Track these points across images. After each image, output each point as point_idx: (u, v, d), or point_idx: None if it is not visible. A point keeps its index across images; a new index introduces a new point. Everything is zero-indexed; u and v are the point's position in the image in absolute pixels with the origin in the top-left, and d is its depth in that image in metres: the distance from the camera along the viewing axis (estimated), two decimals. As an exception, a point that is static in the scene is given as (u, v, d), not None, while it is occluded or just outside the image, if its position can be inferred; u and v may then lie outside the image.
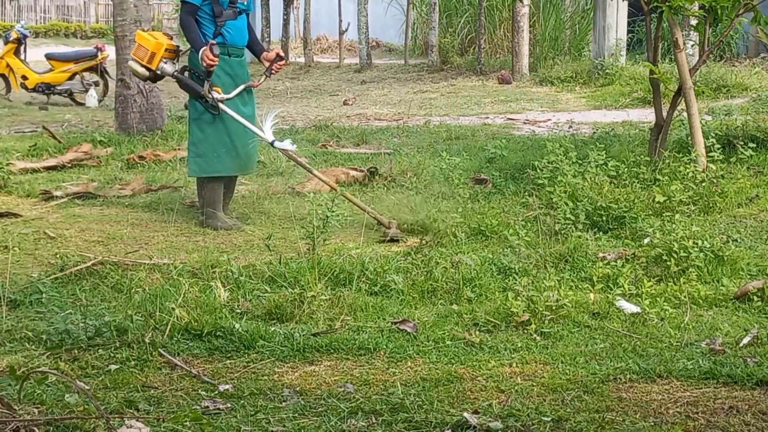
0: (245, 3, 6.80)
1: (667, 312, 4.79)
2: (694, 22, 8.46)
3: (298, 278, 5.25)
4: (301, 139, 10.38)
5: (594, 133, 9.99)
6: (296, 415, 3.58)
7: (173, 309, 4.51)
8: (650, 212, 6.66)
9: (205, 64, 6.48)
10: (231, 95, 6.69)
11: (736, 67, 16.02)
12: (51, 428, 3.36)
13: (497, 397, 3.75)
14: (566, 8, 19.13)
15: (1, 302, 4.73)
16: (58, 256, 5.84)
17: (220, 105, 6.61)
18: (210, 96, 6.60)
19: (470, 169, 8.33)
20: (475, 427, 3.43)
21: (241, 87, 6.76)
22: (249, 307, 4.86)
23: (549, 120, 12.39)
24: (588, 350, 4.31)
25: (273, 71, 6.95)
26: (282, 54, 6.99)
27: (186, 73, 6.69)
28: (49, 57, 15.88)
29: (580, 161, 7.28)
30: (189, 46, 6.68)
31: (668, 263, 5.41)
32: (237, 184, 8.34)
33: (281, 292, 5.03)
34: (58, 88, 15.33)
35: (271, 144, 6.72)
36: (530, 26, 17.69)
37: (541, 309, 4.67)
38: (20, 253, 6.07)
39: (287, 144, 6.70)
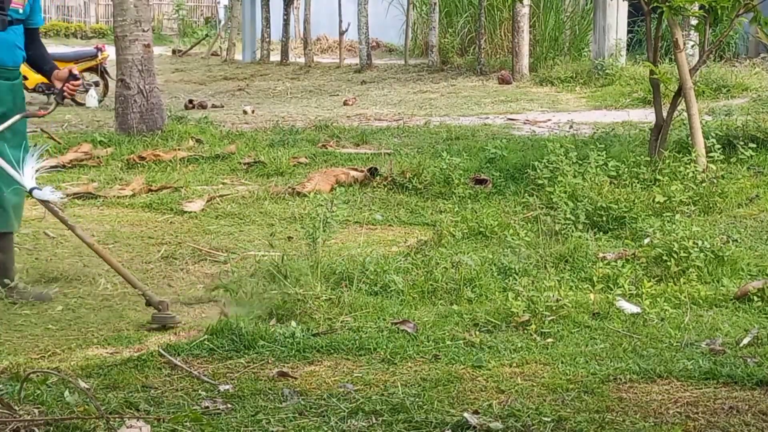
0: (21, 11, 5.23)
1: (667, 312, 4.79)
2: (694, 22, 8.47)
3: (299, 278, 5.25)
4: (301, 139, 10.38)
5: (594, 133, 9.98)
6: (296, 415, 3.58)
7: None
8: (650, 212, 6.66)
9: None
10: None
11: (736, 68, 16.02)
12: (51, 428, 3.36)
13: (497, 397, 3.75)
14: (566, 8, 19.12)
15: None
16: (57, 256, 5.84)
17: None
18: None
19: (470, 170, 8.33)
20: (475, 427, 3.43)
21: (16, 117, 5.14)
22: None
23: (549, 120, 12.38)
24: (588, 350, 4.31)
25: (66, 94, 5.30)
26: (76, 72, 5.29)
27: None
28: (49, 57, 15.86)
29: (580, 161, 7.28)
30: None
31: (668, 263, 5.41)
32: (237, 184, 8.34)
33: (283, 291, 5.03)
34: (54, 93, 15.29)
35: (30, 192, 5.00)
36: (530, 26, 17.68)
37: (541, 309, 4.67)
38: (20, 253, 6.07)
39: (47, 193, 4.95)
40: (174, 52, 27.02)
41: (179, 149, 9.54)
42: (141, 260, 6.03)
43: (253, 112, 13.86)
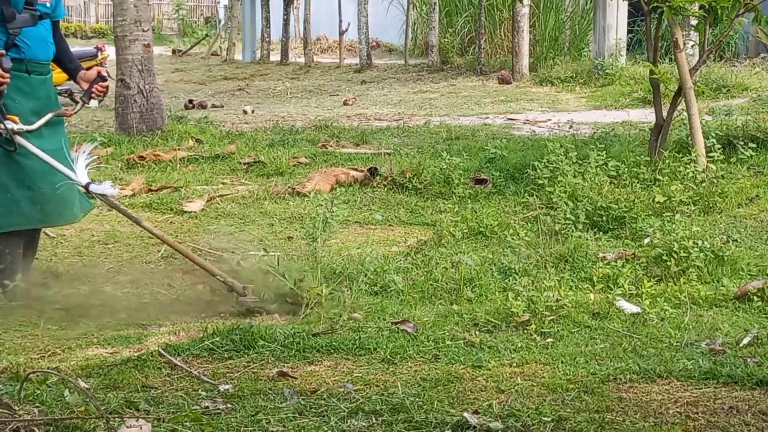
0: (48, 5, 5.26)
1: (667, 312, 4.79)
2: (694, 22, 8.47)
3: (300, 278, 5.26)
4: (301, 139, 10.39)
5: (594, 133, 9.99)
6: (296, 415, 3.58)
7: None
8: (650, 212, 6.66)
9: None
10: (34, 126, 5.07)
11: (736, 68, 16.02)
12: (51, 428, 3.36)
13: (497, 397, 3.75)
14: (566, 8, 19.12)
15: None
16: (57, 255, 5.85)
17: (18, 138, 4.99)
18: (3, 127, 4.97)
19: (470, 169, 8.33)
20: (475, 427, 3.43)
21: (48, 116, 5.16)
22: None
23: (549, 120, 12.38)
24: (588, 350, 4.31)
25: (94, 95, 5.32)
26: (105, 73, 5.34)
27: None
28: (50, 57, 15.86)
29: (580, 161, 7.28)
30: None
31: (668, 263, 5.41)
32: (237, 184, 8.33)
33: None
34: (58, 88, 15.28)
35: (86, 188, 5.09)
36: (530, 26, 17.68)
37: (541, 309, 4.67)
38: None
39: (107, 187, 5.07)
40: (174, 52, 27.04)
41: (179, 149, 9.54)
42: (141, 260, 6.03)
43: (253, 112, 13.86)
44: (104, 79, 5.29)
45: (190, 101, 14.89)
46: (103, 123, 12.25)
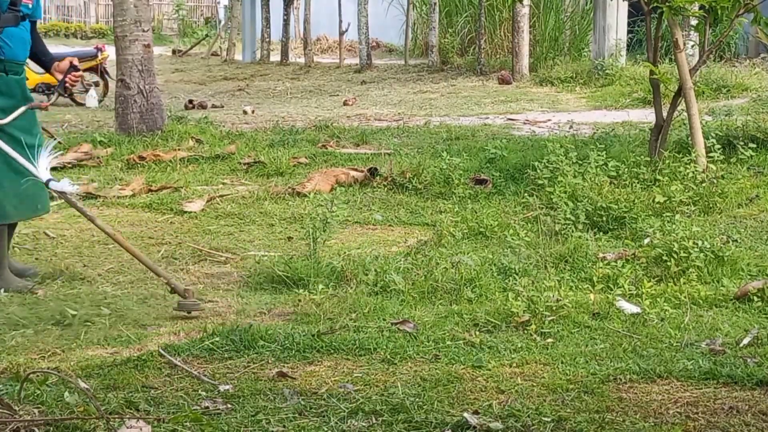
0: (30, 6, 5.41)
1: (667, 312, 4.79)
2: (694, 22, 8.47)
3: (300, 278, 5.26)
4: (302, 139, 10.38)
5: (594, 133, 9.99)
6: (296, 415, 3.58)
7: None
8: (650, 213, 6.66)
9: None
10: (8, 119, 5.22)
11: (736, 68, 16.01)
12: (51, 428, 3.36)
13: (497, 397, 3.75)
14: (566, 8, 19.12)
15: None
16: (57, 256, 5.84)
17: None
18: None
19: (470, 170, 8.33)
20: (475, 427, 3.43)
21: (23, 108, 5.28)
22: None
23: (549, 120, 12.38)
24: (588, 350, 4.31)
25: (68, 85, 5.51)
26: (77, 63, 5.52)
27: None
28: (50, 57, 15.86)
29: (580, 161, 7.28)
30: None
31: (668, 264, 5.41)
32: (237, 184, 8.35)
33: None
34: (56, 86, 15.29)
35: (46, 184, 5.14)
36: (530, 26, 17.68)
37: (541, 309, 4.67)
38: (20, 253, 6.08)
39: (65, 185, 5.08)
40: (174, 52, 27.03)
41: (179, 149, 9.54)
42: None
43: (253, 112, 13.86)
44: (77, 69, 5.43)
45: (190, 101, 14.89)
46: (103, 123, 12.25)
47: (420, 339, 4.44)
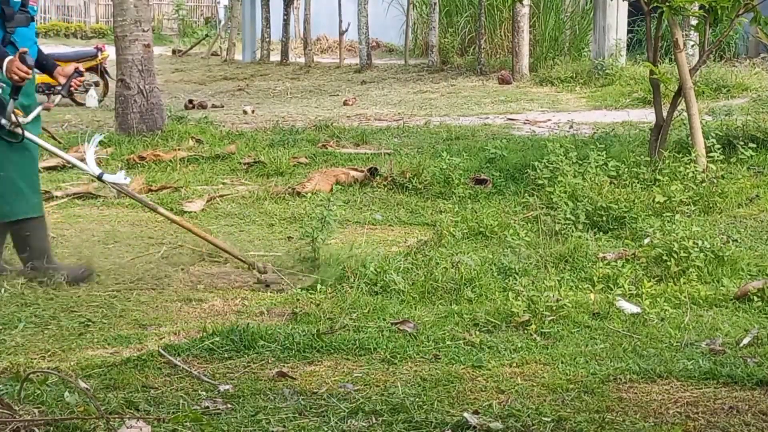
0: (36, 8, 5.56)
1: (667, 312, 4.79)
2: (694, 22, 8.47)
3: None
4: (302, 139, 10.38)
5: (594, 133, 9.99)
6: (296, 415, 3.58)
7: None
8: (650, 212, 6.66)
9: (15, 79, 5.14)
10: (30, 117, 5.36)
11: (736, 68, 16.01)
12: (51, 428, 3.36)
13: (497, 397, 3.75)
14: (566, 8, 19.11)
15: None
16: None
17: (27, 134, 5.30)
18: (13, 120, 5.23)
19: (470, 170, 8.33)
20: (475, 427, 3.43)
21: (39, 108, 5.49)
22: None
23: (549, 120, 12.38)
24: (588, 350, 4.31)
25: (72, 88, 5.63)
26: (81, 69, 5.65)
27: None
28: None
29: (580, 161, 7.28)
30: None
31: (668, 263, 5.41)
32: (237, 184, 8.35)
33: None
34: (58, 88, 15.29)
35: (99, 178, 5.35)
36: (530, 26, 17.67)
37: (541, 309, 4.67)
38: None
39: (120, 177, 5.31)
40: (174, 52, 27.03)
41: (179, 149, 9.54)
42: (141, 260, 6.02)
43: (253, 112, 13.86)
44: (81, 74, 5.61)
45: (190, 101, 14.89)
46: (103, 123, 12.25)
47: (420, 339, 4.44)
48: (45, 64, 5.68)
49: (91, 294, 5.24)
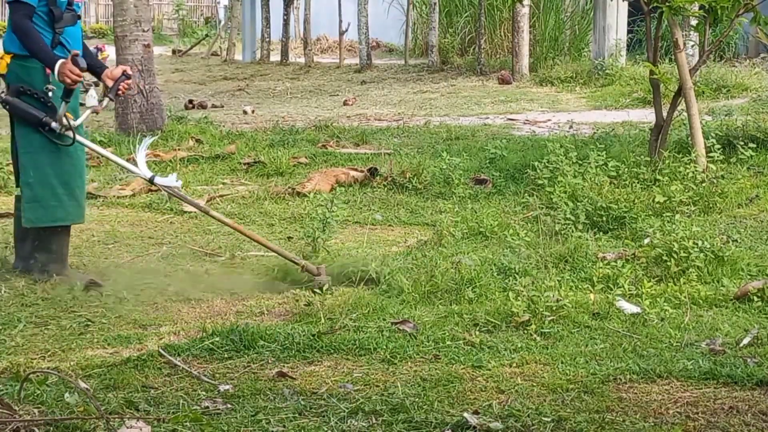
0: (80, 6, 5.50)
1: (667, 312, 4.79)
2: (694, 22, 8.46)
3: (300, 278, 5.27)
4: (302, 139, 10.38)
5: (594, 133, 9.98)
6: (296, 415, 3.58)
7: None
8: (650, 212, 6.66)
9: (67, 82, 5.10)
10: (79, 121, 5.41)
11: (736, 68, 16.01)
12: (51, 428, 3.36)
13: (497, 397, 3.75)
14: (566, 8, 19.11)
15: None
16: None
17: (79, 137, 5.35)
18: (64, 123, 5.25)
19: (470, 170, 8.33)
20: (475, 427, 3.43)
21: (88, 112, 5.59)
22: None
23: (549, 120, 12.38)
24: (588, 350, 4.31)
25: (120, 92, 5.56)
26: (129, 72, 5.58)
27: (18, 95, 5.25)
28: (49, 57, 15.85)
29: (580, 161, 7.28)
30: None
31: (668, 263, 5.41)
32: (237, 184, 8.34)
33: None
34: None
35: (150, 181, 5.31)
36: (530, 26, 17.67)
37: (541, 309, 4.67)
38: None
39: (172, 180, 5.27)
40: (174, 52, 27.02)
41: (179, 149, 9.55)
42: (141, 260, 6.02)
43: (253, 112, 13.86)
44: (129, 77, 5.50)
45: (190, 101, 14.89)
46: (103, 123, 12.25)
47: (420, 339, 4.44)
48: (94, 65, 5.60)
49: (91, 294, 5.24)
